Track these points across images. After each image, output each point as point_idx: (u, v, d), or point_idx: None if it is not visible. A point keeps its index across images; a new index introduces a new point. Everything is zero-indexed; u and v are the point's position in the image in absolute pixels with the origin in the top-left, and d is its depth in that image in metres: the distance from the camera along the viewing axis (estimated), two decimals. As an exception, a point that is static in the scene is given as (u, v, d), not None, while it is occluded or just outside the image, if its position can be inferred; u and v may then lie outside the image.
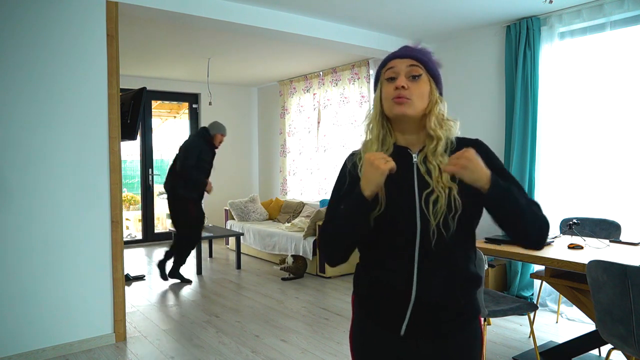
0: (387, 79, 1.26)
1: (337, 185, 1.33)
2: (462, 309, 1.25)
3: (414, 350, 1.24)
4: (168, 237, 7.41)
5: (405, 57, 1.25)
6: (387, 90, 1.25)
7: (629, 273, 2.02)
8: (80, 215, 3.33)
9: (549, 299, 4.19)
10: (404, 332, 1.23)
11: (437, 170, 1.21)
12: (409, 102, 1.21)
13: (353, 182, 1.26)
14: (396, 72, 1.24)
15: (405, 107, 1.22)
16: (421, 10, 4.19)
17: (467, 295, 1.26)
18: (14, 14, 3.08)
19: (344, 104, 6.43)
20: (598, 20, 3.91)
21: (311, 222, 5.52)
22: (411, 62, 1.24)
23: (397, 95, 1.22)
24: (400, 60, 1.25)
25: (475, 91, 4.93)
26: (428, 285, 1.20)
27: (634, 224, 3.64)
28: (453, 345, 1.25)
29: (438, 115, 1.25)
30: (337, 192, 1.31)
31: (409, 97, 1.21)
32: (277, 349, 3.36)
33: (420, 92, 1.23)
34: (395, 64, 1.25)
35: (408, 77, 1.23)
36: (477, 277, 1.28)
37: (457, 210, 1.18)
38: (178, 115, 8.71)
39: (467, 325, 1.27)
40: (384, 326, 1.26)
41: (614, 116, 3.89)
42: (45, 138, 3.21)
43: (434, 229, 1.18)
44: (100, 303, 3.42)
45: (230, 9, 3.97)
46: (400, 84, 1.22)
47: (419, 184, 1.23)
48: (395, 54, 1.28)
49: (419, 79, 1.23)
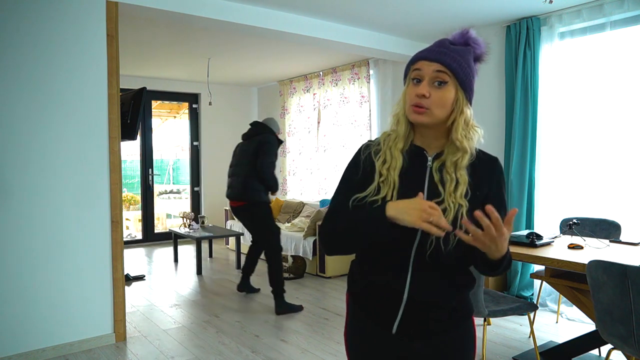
0: (412, 79, 1.19)
1: (346, 174, 1.28)
2: (453, 310, 1.25)
3: (407, 348, 1.25)
4: (168, 237, 7.41)
5: (433, 61, 1.16)
6: (409, 92, 1.19)
7: (629, 273, 2.02)
8: (80, 215, 3.33)
9: (549, 299, 4.19)
10: (395, 330, 1.23)
11: (454, 184, 1.17)
12: (426, 112, 1.16)
13: (365, 173, 1.24)
14: (421, 76, 1.17)
15: (422, 117, 1.17)
16: (421, 10, 4.19)
17: (460, 296, 1.26)
18: (14, 14, 3.08)
19: (344, 104, 6.43)
20: (598, 20, 3.91)
21: (311, 222, 5.52)
22: (439, 67, 1.15)
23: (415, 103, 1.16)
24: (428, 63, 1.16)
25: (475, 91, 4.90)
26: (421, 285, 1.20)
27: (634, 224, 3.64)
28: (445, 344, 1.26)
29: (463, 124, 1.18)
30: (346, 182, 1.27)
31: (428, 106, 1.15)
32: (277, 349, 3.36)
33: (442, 101, 1.16)
34: (422, 66, 1.17)
35: (433, 83, 1.16)
36: (471, 278, 1.29)
37: (460, 229, 1.13)
38: (178, 115, 8.71)
39: (460, 325, 1.28)
40: (376, 324, 1.27)
41: (614, 116, 3.89)
42: (45, 138, 3.21)
43: (433, 239, 1.16)
44: (100, 303, 3.42)
45: (230, 9, 3.97)
46: (422, 92, 1.15)
47: (429, 191, 1.20)
48: (425, 54, 1.18)
49: (444, 87, 1.16)
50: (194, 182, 7.97)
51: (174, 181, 8.90)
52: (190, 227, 6.08)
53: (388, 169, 1.20)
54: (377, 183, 1.20)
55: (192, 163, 7.97)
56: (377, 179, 1.20)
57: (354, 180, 1.25)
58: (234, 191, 4.34)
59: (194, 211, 7.66)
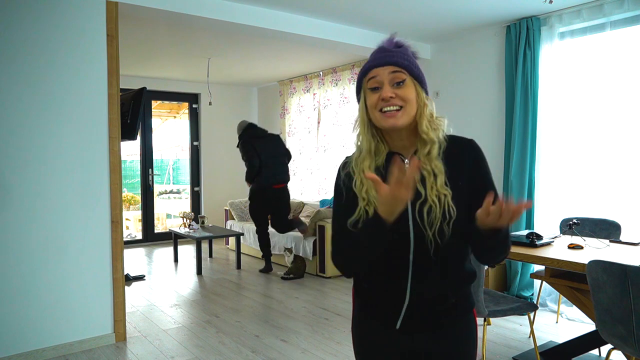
0: (370, 89, 1.22)
1: (336, 199, 1.32)
2: (454, 305, 1.27)
3: (410, 343, 1.27)
4: (168, 237, 7.41)
5: (386, 65, 1.20)
6: (372, 100, 1.21)
7: (629, 273, 2.02)
8: (80, 215, 3.33)
9: (549, 299, 4.19)
10: (399, 327, 1.25)
11: (432, 176, 1.19)
12: (400, 112, 1.18)
13: (348, 195, 1.25)
14: (379, 82, 1.20)
15: (395, 120, 1.19)
16: (421, 10, 4.19)
17: (461, 290, 1.29)
18: (15, 15, 3.08)
19: (344, 104, 6.43)
20: (598, 20, 3.91)
21: (311, 222, 5.52)
22: (393, 68, 1.20)
23: (383, 106, 1.18)
24: (382, 68, 1.20)
25: (475, 91, 4.93)
26: (423, 282, 1.22)
27: (634, 224, 3.63)
28: (448, 338, 1.28)
29: (428, 116, 1.22)
30: (339, 207, 1.29)
31: (401, 104, 1.19)
32: (277, 349, 3.36)
33: (407, 97, 1.19)
34: (377, 72, 1.21)
35: (392, 84, 1.19)
36: (472, 273, 1.31)
37: (451, 217, 1.17)
38: (178, 115, 8.71)
39: (461, 318, 1.30)
40: (380, 320, 1.30)
41: (614, 116, 3.89)
42: (45, 138, 3.20)
43: (430, 238, 1.18)
44: (100, 303, 3.42)
45: (230, 9, 3.97)
46: (387, 95, 1.18)
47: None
48: (376, 61, 1.22)
49: (403, 85, 1.20)
50: (194, 182, 7.97)
51: (174, 181, 8.90)
52: (190, 227, 6.08)
53: (367, 191, 1.21)
54: (362, 207, 1.21)
55: (192, 163, 7.97)
56: (362, 203, 1.22)
57: (342, 205, 1.27)
58: (280, 176, 5.56)
59: (194, 211, 7.66)
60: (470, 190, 1.21)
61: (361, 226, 1.18)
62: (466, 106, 4.93)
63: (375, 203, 1.14)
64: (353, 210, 1.22)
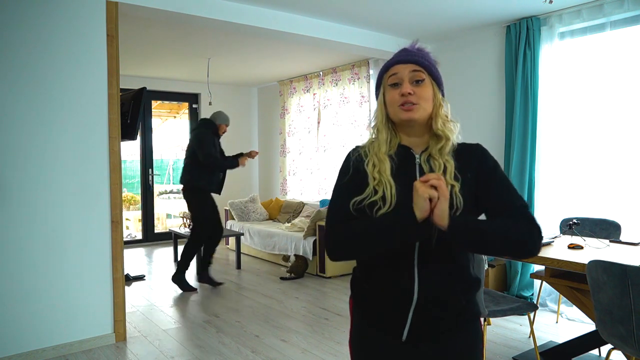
0: (390, 85, 1.27)
1: (340, 178, 1.31)
2: (463, 309, 1.25)
3: (415, 354, 1.24)
4: (168, 237, 7.41)
5: (407, 63, 1.26)
6: (391, 96, 1.26)
7: (629, 273, 2.02)
8: (80, 215, 3.33)
9: (549, 299, 4.19)
10: (405, 337, 1.22)
11: (442, 169, 1.23)
12: (416, 107, 1.23)
13: (358, 174, 1.27)
14: (400, 79, 1.25)
15: (412, 113, 1.24)
16: (421, 10, 4.19)
17: (467, 296, 1.27)
18: (14, 14, 3.08)
19: (344, 104, 6.43)
20: (598, 20, 3.91)
21: (311, 222, 5.52)
22: (414, 67, 1.25)
23: (403, 101, 1.23)
24: (404, 65, 1.26)
25: (475, 91, 4.93)
26: (429, 281, 1.20)
27: (634, 224, 3.63)
28: (454, 347, 1.25)
29: (443, 117, 1.27)
30: (342, 186, 1.30)
31: (416, 102, 1.23)
32: (277, 349, 3.36)
33: (425, 96, 1.25)
34: (398, 69, 1.26)
35: (412, 82, 1.25)
36: (476, 279, 1.29)
37: (458, 208, 1.19)
38: (178, 115, 8.72)
39: (468, 327, 1.28)
40: (384, 332, 1.26)
41: (614, 116, 3.89)
42: (45, 138, 3.21)
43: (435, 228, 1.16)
44: (100, 303, 3.42)
45: (230, 9, 3.98)
46: (406, 90, 1.23)
47: None
48: (398, 59, 1.28)
49: (422, 83, 1.25)
50: (194, 182, 7.95)
51: (174, 181, 8.90)
52: (190, 227, 6.08)
53: (379, 171, 1.24)
54: (372, 186, 1.23)
55: (192, 163, 7.95)
56: (372, 182, 1.24)
57: (349, 184, 1.28)
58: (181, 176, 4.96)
59: (194, 211, 7.64)
60: (478, 182, 1.24)
61: (386, 218, 1.18)
62: (466, 106, 4.93)
63: (394, 193, 1.19)
64: (358, 190, 1.25)
